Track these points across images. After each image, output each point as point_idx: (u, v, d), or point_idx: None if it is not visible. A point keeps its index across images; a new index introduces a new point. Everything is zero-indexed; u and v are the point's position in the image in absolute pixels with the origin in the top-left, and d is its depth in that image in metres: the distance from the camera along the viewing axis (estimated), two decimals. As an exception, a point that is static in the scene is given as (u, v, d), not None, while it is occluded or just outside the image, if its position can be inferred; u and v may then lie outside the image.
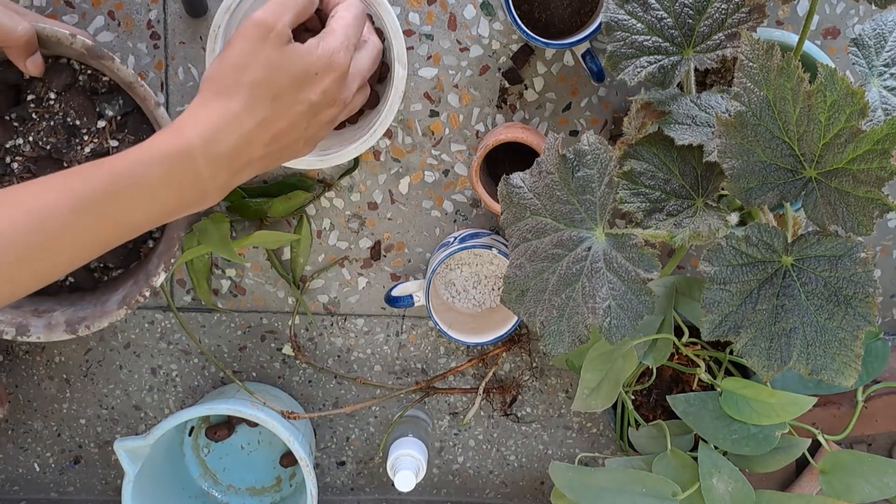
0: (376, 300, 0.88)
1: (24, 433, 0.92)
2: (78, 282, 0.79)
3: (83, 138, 0.73)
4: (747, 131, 0.54)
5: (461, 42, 0.81)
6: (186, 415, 0.78)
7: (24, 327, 0.72)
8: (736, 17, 0.60)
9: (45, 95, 0.73)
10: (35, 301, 0.76)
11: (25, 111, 0.73)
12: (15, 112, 0.73)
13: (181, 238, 0.71)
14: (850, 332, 0.54)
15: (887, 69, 0.60)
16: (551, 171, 0.61)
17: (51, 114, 0.73)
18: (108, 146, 0.74)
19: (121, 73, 0.67)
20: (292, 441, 0.79)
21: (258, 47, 0.57)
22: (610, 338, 0.59)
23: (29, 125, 0.73)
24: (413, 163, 0.84)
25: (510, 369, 0.90)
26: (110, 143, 0.74)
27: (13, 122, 0.73)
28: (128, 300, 0.72)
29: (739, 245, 0.55)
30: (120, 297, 0.73)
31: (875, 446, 0.91)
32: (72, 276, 0.78)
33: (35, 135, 0.73)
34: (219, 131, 0.56)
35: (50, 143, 0.73)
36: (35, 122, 0.73)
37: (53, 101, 0.73)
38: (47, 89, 0.73)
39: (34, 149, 0.74)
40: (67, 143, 0.73)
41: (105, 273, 0.79)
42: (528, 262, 0.62)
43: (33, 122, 0.73)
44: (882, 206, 0.51)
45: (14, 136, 0.73)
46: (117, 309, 0.72)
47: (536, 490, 0.95)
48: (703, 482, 0.70)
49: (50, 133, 0.73)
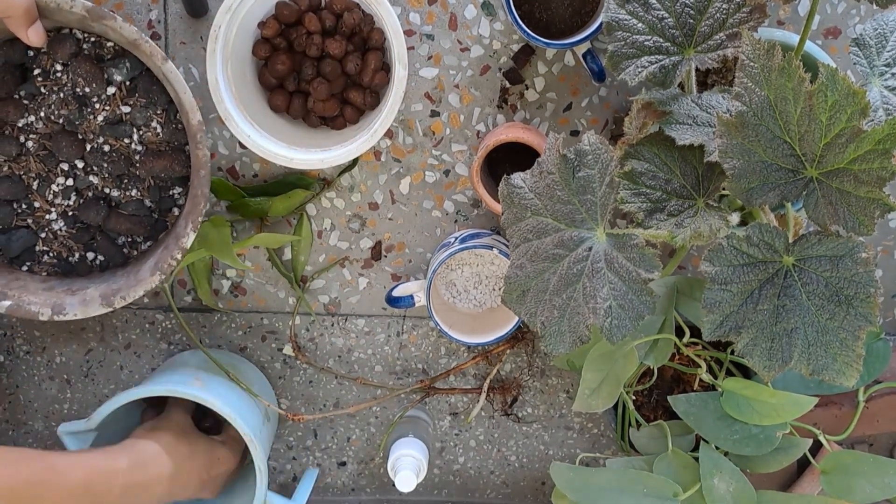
0: (377, 300, 0.88)
1: (25, 433, 0.92)
2: (107, 259, 0.78)
3: (94, 107, 0.73)
4: (748, 131, 0.54)
5: (462, 42, 0.81)
6: (125, 397, 0.76)
7: (59, 306, 0.72)
8: (737, 16, 0.60)
9: (51, 68, 0.72)
10: (66, 282, 0.76)
11: (34, 86, 0.72)
12: (23, 89, 0.73)
13: (206, 195, 0.69)
14: (852, 333, 0.54)
15: (888, 69, 0.60)
16: (552, 172, 0.61)
17: (59, 85, 0.72)
18: (121, 112, 0.73)
19: (124, 31, 0.67)
20: (235, 418, 0.76)
21: None
22: (611, 338, 0.59)
23: (39, 100, 0.73)
24: (414, 163, 0.84)
25: (511, 369, 0.90)
26: (122, 108, 0.73)
27: (23, 99, 0.73)
28: (160, 265, 0.71)
29: (740, 245, 0.55)
30: (152, 264, 0.72)
31: (876, 446, 0.91)
32: (101, 254, 0.78)
33: (46, 109, 0.73)
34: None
35: (62, 115, 0.73)
36: (45, 97, 0.73)
37: (60, 72, 0.72)
38: (53, 61, 0.72)
39: (47, 124, 0.73)
40: (79, 112, 0.73)
41: (134, 247, 0.78)
42: (529, 263, 0.62)
43: (43, 96, 0.73)
44: (883, 206, 0.51)
45: (25, 114, 0.73)
46: (150, 276, 0.71)
47: (537, 490, 0.95)
48: (704, 482, 0.70)
49: (61, 105, 0.72)
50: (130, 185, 0.76)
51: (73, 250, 0.78)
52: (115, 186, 0.76)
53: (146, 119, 0.74)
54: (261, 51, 0.76)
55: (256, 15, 0.76)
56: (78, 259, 0.78)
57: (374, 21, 0.76)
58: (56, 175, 0.75)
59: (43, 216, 0.76)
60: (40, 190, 0.76)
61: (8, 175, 0.75)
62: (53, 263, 0.78)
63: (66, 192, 0.76)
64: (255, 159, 0.84)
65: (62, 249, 0.78)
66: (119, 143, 0.74)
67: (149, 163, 0.75)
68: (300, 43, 0.76)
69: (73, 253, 0.78)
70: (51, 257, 0.78)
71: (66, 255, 0.78)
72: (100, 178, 0.76)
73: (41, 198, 0.76)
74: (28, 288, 0.74)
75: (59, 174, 0.75)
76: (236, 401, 0.79)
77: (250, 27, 0.76)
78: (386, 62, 0.78)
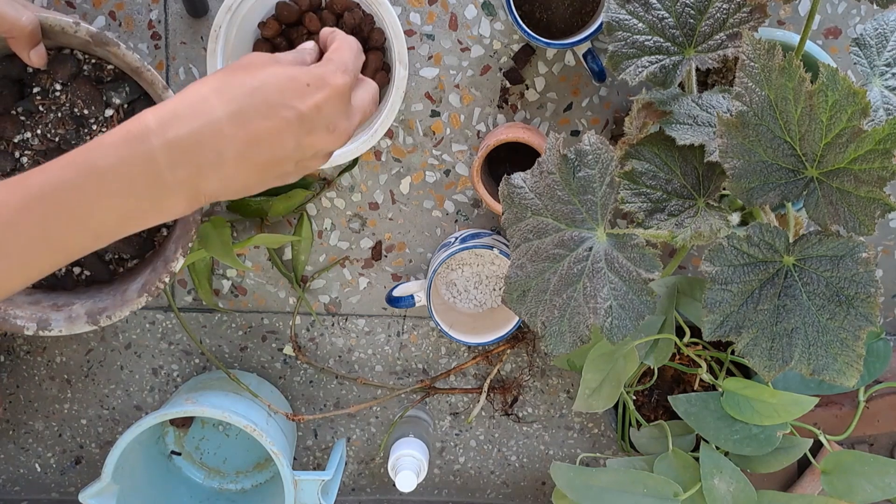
0: (377, 300, 0.88)
1: (26, 433, 0.92)
2: (93, 274, 0.78)
3: (91, 128, 0.73)
4: (749, 131, 0.54)
5: (462, 42, 0.81)
6: (137, 429, 0.77)
7: (44, 322, 0.72)
8: (737, 16, 0.59)
9: (50, 87, 0.72)
10: (52, 296, 0.76)
11: (32, 104, 0.73)
12: (21, 106, 0.73)
13: (198, 221, 0.70)
14: (852, 333, 0.54)
15: (889, 69, 0.60)
16: (552, 172, 0.61)
17: (57, 105, 0.73)
18: None
19: (127, 58, 0.67)
20: (264, 437, 0.78)
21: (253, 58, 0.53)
22: (611, 338, 0.59)
23: (36, 118, 0.73)
24: (414, 163, 0.84)
25: (511, 369, 0.90)
26: None
27: (20, 115, 0.73)
28: (147, 287, 0.71)
29: (741, 245, 0.55)
30: (139, 286, 0.72)
31: (877, 446, 0.91)
32: (87, 269, 0.78)
33: (43, 127, 0.73)
34: (179, 113, 0.49)
35: (58, 134, 0.73)
36: (42, 115, 0.73)
37: (59, 92, 0.72)
38: (52, 81, 0.72)
39: (43, 142, 0.73)
40: (76, 133, 0.73)
41: (120, 264, 0.79)
42: (530, 263, 0.62)
43: (40, 114, 0.73)
44: (884, 206, 0.51)
45: (22, 130, 0.73)
46: (137, 297, 0.71)
47: (538, 490, 0.95)
48: (704, 482, 0.70)
49: (58, 124, 0.72)
50: None
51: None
52: None
53: None
54: (261, 51, 0.76)
55: (257, 15, 0.76)
56: (64, 273, 0.78)
57: (375, 21, 0.76)
58: None
59: None
60: None
61: None
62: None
63: None
64: (255, 159, 0.83)
65: None
66: None
67: None
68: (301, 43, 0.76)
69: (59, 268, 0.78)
70: None
71: None
72: None
73: None
74: (14, 301, 0.74)
75: None
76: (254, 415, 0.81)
77: (251, 27, 0.76)
78: (386, 62, 0.78)
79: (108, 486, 0.77)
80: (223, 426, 0.92)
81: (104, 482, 0.77)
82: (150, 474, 0.86)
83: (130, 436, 0.77)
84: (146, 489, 0.84)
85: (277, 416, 0.84)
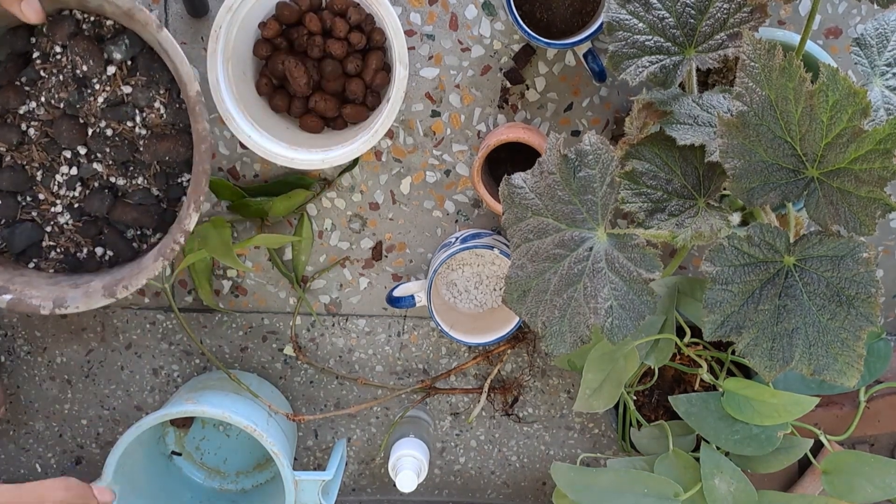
0: (378, 300, 0.88)
1: (26, 434, 0.92)
2: (117, 253, 0.77)
3: (94, 87, 0.72)
4: (749, 131, 0.54)
5: (463, 42, 0.81)
6: (137, 429, 0.77)
7: (60, 300, 0.71)
8: (738, 16, 0.59)
9: (50, 50, 0.72)
10: (73, 277, 0.75)
11: (33, 70, 0.72)
12: (24, 75, 0.72)
13: (208, 171, 0.68)
14: (853, 333, 0.54)
15: (890, 69, 0.60)
16: (553, 172, 0.61)
17: (59, 68, 0.72)
18: (122, 93, 0.73)
19: (118, 1, 0.66)
20: (265, 437, 0.77)
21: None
22: (612, 338, 0.59)
23: (39, 85, 0.72)
24: (414, 163, 0.84)
25: (512, 369, 0.90)
26: (123, 89, 0.73)
27: (24, 85, 0.73)
28: (163, 251, 0.70)
29: (741, 245, 0.55)
30: (155, 252, 0.71)
31: (877, 446, 0.91)
32: (110, 249, 0.77)
33: (47, 93, 0.72)
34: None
35: (62, 99, 0.72)
36: (45, 80, 0.72)
37: (60, 54, 0.72)
38: (52, 43, 0.72)
39: (48, 110, 0.73)
40: (79, 95, 0.72)
41: (144, 240, 0.78)
42: (530, 263, 0.62)
43: (43, 80, 0.72)
44: (884, 206, 0.51)
45: (27, 100, 0.73)
46: (154, 262, 0.70)
47: (538, 490, 0.95)
48: (705, 483, 0.70)
49: (60, 88, 0.72)
50: (136, 173, 0.75)
51: (81, 245, 0.77)
52: (120, 174, 0.75)
53: (148, 99, 0.73)
54: (261, 51, 0.76)
55: (257, 15, 0.76)
56: (86, 255, 0.77)
57: (375, 21, 0.76)
58: (60, 164, 0.75)
59: (48, 209, 0.76)
60: (45, 181, 0.75)
61: (10, 165, 0.75)
62: (60, 259, 0.77)
63: (71, 183, 0.75)
64: (255, 159, 0.84)
65: (69, 244, 0.77)
66: (122, 127, 0.73)
67: (152, 146, 0.73)
68: (301, 43, 0.76)
69: (80, 248, 0.77)
70: (58, 253, 0.77)
71: (73, 250, 0.77)
72: (104, 166, 0.75)
73: (46, 189, 0.75)
74: (32, 282, 0.73)
75: (62, 163, 0.75)
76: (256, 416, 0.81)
77: (251, 27, 0.76)
78: (386, 62, 0.78)
79: (109, 486, 0.77)
80: (224, 426, 0.92)
81: (105, 482, 0.77)
82: (150, 474, 0.86)
83: (131, 436, 0.77)
84: (146, 489, 0.84)
85: (278, 416, 0.84)
